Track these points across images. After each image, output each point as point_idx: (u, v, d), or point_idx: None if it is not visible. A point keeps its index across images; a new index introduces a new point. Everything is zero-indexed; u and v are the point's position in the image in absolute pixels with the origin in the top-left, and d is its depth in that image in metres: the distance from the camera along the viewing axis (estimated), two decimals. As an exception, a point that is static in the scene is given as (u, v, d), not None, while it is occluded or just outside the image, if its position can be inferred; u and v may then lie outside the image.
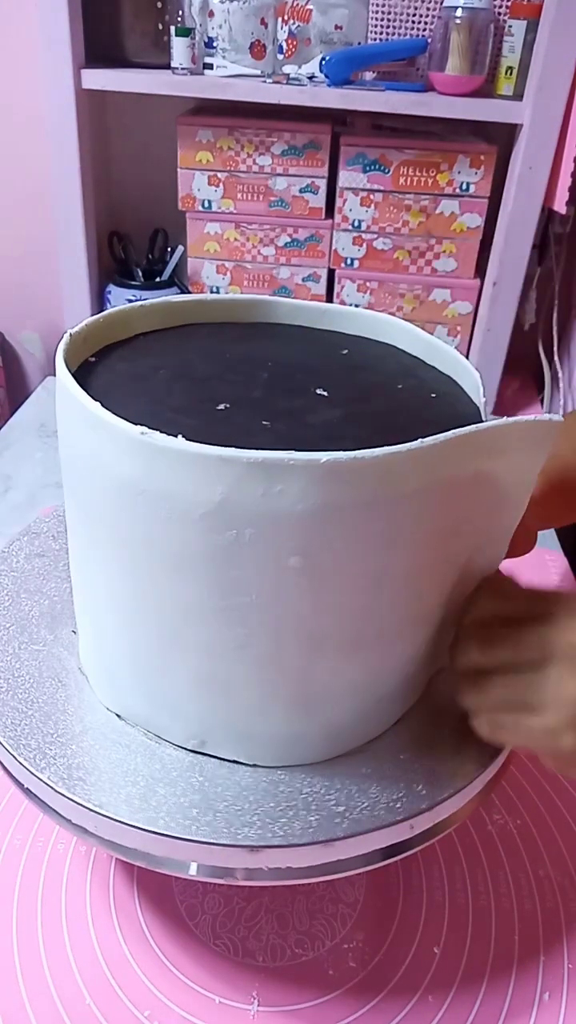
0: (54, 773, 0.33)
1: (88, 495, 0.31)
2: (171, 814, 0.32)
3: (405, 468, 0.27)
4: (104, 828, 0.32)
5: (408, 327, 0.40)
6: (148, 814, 0.31)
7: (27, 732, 0.34)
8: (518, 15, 0.89)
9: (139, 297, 1.05)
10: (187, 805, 0.32)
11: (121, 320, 0.38)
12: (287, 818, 0.32)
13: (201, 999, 0.39)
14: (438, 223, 0.98)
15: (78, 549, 0.35)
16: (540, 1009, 0.39)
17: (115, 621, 0.34)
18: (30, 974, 0.39)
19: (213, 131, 0.96)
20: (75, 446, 0.31)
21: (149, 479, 0.27)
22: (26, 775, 0.33)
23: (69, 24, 0.88)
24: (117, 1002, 0.38)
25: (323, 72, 0.91)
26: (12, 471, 0.85)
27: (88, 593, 0.36)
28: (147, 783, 0.33)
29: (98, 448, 0.29)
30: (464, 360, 0.37)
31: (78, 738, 0.35)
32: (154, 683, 0.34)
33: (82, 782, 0.32)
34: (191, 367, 0.36)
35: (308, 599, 0.29)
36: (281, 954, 0.41)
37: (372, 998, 0.40)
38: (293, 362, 0.38)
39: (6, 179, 1.13)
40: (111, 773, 0.33)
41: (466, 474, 0.29)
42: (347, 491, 0.27)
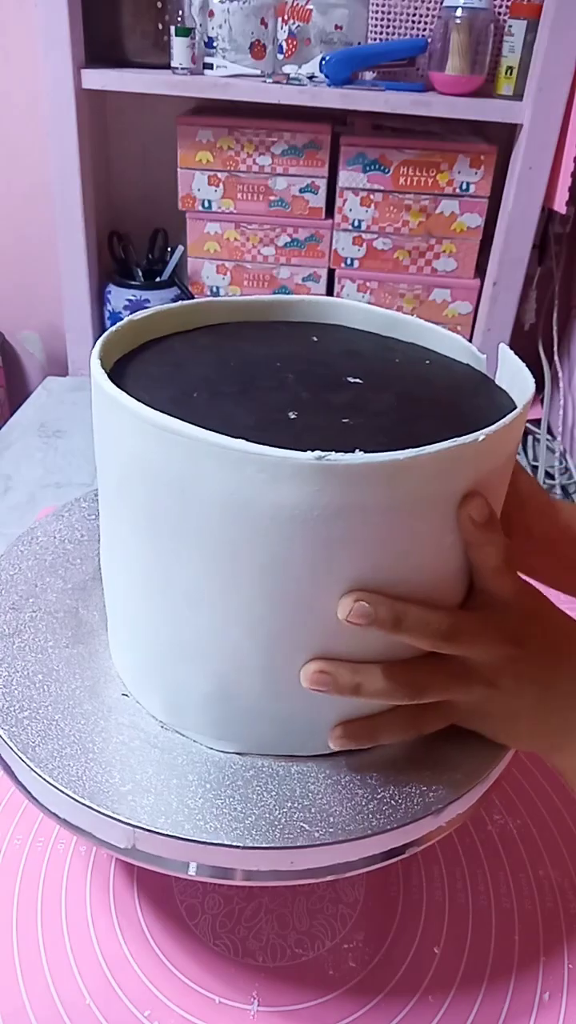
0: (64, 776, 0.33)
1: (128, 494, 0.31)
2: (170, 813, 0.32)
3: (456, 464, 0.28)
4: (103, 828, 0.32)
5: (458, 340, 0.40)
6: (147, 813, 0.31)
7: (27, 730, 0.35)
8: (518, 15, 0.89)
9: (139, 297, 1.06)
10: (186, 804, 0.32)
11: (158, 321, 0.39)
12: (287, 818, 0.32)
13: (201, 999, 0.39)
14: (438, 223, 0.98)
15: (114, 550, 0.35)
16: (540, 1009, 0.39)
17: (157, 624, 0.34)
18: (30, 974, 0.39)
19: (213, 131, 0.96)
20: (111, 442, 0.31)
21: (189, 474, 0.28)
22: (31, 777, 0.33)
23: (69, 24, 0.88)
24: (117, 1002, 0.38)
25: (323, 72, 0.91)
26: (12, 471, 0.85)
27: (118, 591, 0.36)
28: (146, 781, 0.33)
29: (170, 460, 0.28)
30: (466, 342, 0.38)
31: (77, 736, 0.35)
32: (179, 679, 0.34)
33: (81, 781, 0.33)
34: (237, 371, 0.36)
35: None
36: (281, 954, 0.41)
37: (372, 998, 0.39)
38: (342, 366, 0.38)
39: (6, 179, 1.13)
40: (149, 784, 0.33)
41: (498, 467, 0.31)
42: (381, 492, 0.27)
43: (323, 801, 0.33)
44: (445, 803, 0.34)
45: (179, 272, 1.07)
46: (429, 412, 0.34)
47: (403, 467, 0.27)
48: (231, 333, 0.40)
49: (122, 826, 0.31)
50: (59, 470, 0.86)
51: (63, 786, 0.32)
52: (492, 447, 0.29)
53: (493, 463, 0.30)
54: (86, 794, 0.32)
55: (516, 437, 0.32)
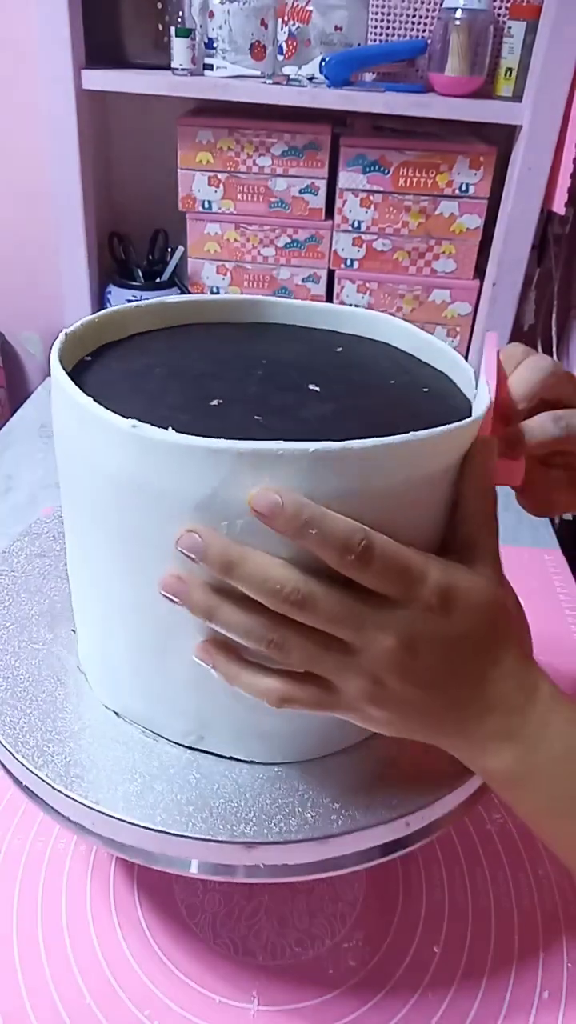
0: (52, 771, 0.33)
1: (83, 492, 0.32)
2: (168, 810, 0.32)
3: (393, 460, 0.27)
4: (101, 825, 0.32)
5: (402, 324, 0.41)
6: (145, 811, 0.31)
7: (26, 730, 0.35)
8: (517, 16, 0.89)
9: (139, 298, 1.05)
10: (183, 802, 0.32)
11: (117, 320, 0.39)
12: (283, 814, 0.32)
13: (201, 998, 0.39)
14: (438, 224, 0.99)
15: (75, 546, 0.35)
16: (539, 1007, 0.40)
17: (113, 617, 0.34)
18: (30, 973, 0.39)
19: (213, 132, 0.96)
20: (70, 443, 0.31)
21: (141, 473, 0.28)
22: (24, 772, 0.34)
23: (69, 25, 0.88)
24: (117, 1001, 0.38)
25: (323, 73, 0.92)
26: (13, 471, 0.85)
27: (85, 590, 0.36)
28: (144, 780, 0.33)
29: (91, 444, 0.29)
30: (457, 356, 0.37)
31: (76, 736, 0.35)
32: (151, 679, 0.34)
33: (79, 779, 0.33)
34: (186, 366, 0.36)
35: None
36: (281, 953, 0.41)
37: (372, 997, 0.40)
38: (288, 360, 0.38)
39: (6, 180, 1.13)
40: (109, 770, 0.33)
41: (452, 466, 0.30)
42: (336, 481, 0.27)
43: (319, 797, 0.33)
44: (441, 799, 0.34)
45: (179, 273, 1.07)
46: (386, 397, 0.34)
47: (357, 456, 0.27)
48: (189, 333, 0.41)
49: (121, 824, 0.31)
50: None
51: (64, 788, 0.32)
52: (438, 448, 0.29)
53: (434, 464, 0.30)
54: (87, 796, 0.32)
55: (466, 441, 0.31)
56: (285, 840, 0.31)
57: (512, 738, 0.30)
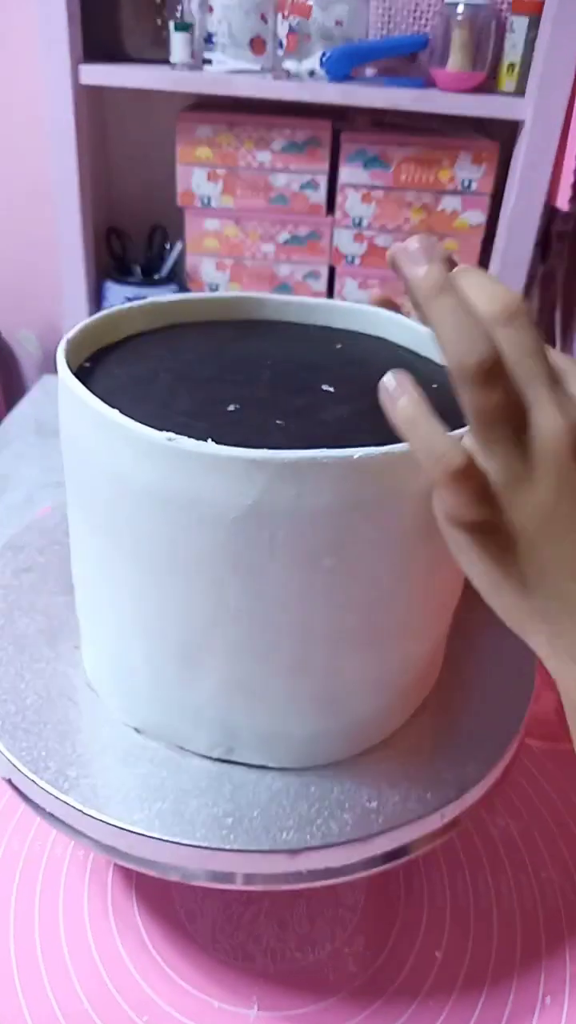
0: (79, 795, 0.32)
1: (101, 503, 0.30)
2: (207, 825, 0.31)
3: None
4: (138, 847, 0.31)
5: (397, 318, 0.40)
6: (183, 828, 0.31)
7: (44, 755, 0.33)
8: (520, 11, 0.88)
9: (137, 294, 1.05)
10: (220, 815, 0.32)
11: (110, 323, 0.38)
12: (323, 818, 0.32)
13: (200, 1004, 0.39)
14: (440, 220, 0.98)
15: (86, 559, 0.34)
16: (542, 1013, 0.39)
17: (132, 631, 0.33)
18: (27, 979, 0.39)
19: (212, 127, 0.95)
20: (87, 454, 0.30)
21: (176, 485, 0.27)
22: (48, 799, 0.32)
23: (68, 20, 0.87)
24: (115, 1007, 0.38)
25: (323, 68, 0.91)
26: (10, 471, 0.84)
27: (100, 605, 0.35)
28: (177, 796, 0.32)
29: (115, 456, 0.28)
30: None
31: (99, 756, 0.34)
32: (174, 692, 0.33)
33: (109, 800, 0.32)
34: (189, 368, 0.36)
35: (337, 597, 0.29)
36: (281, 958, 0.41)
37: (373, 1002, 0.39)
38: (290, 359, 0.37)
39: (4, 176, 1.12)
40: (139, 790, 0.32)
41: None
42: (377, 486, 0.27)
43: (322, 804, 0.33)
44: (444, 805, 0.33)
45: (178, 269, 1.07)
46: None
47: (359, 466, 0.26)
48: (185, 334, 0.40)
49: (159, 843, 0.31)
50: (57, 469, 0.85)
51: (96, 813, 0.32)
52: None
53: None
54: (121, 819, 0.31)
55: None
56: (327, 844, 0.31)
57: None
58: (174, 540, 0.28)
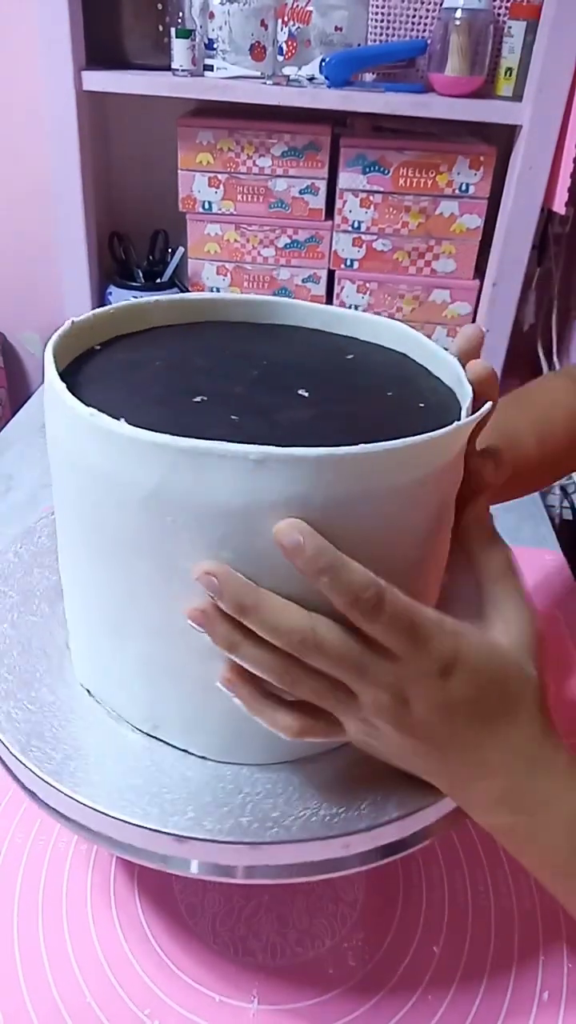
0: (12, 737, 0.34)
1: (58, 476, 0.33)
2: (109, 792, 0.32)
3: (340, 471, 0.27)
4: (45, 793, 0.33)
5: (415, 335, 0.40)
6: (88, 789, 0.32)
7: (2, 695, 0.36)
8: (517, 16, 0.89)
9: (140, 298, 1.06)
10: (125, 787, 0.33)
11: (137, 313, 0.40)
12: (224, 811, 0.32)
13: (201, 997, 0.39)
14: (438, 224, 0.99)
15: (58, 531, 0.37)
16: (539, 1008, 0.40)
17: (76, 599, 0.36)
18: (31, 972, 0.39)
19: (213, 132, 0.96)
20: (50, 428, 0.33)
21: (98, 460, 0.29)
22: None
23: (69, 26, 0.88)
24: (117, 1000, 0.38)
25: (323, 73, 0.92)
26: (14, 471, 0.85)
27: (63, 572, 0.38)
28: (96, 759, 0.34)
29: (62, 430, 0.31)
30: (461, 372, 0.35)
31: (46, 707, 0.36)
32: (108, 663, 0.35)
33: (36, 750, 0.34)
34: (186, 360, 0.37)
35: None
36: (281, 953, 0.41)
37: (372, 997, 0.40)
38: (289, 363, 0.38)
39: (6, 179, 1.13)
40: (67, 744, 0.34)
41: (426, 478, 0.30)
42: (276, 488, 0.27)
43: (320, 797, 0.33)
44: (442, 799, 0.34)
45: (179, 273, 1.07)
46: (377, 408, 0.34)
47: (355, 462, 0.27)
48: (205, 330, 0.41)
49: (61, 796, 0.32)
50: (60, 471, 0.86)
51: (20, 755, 0.33)
52: (442, 447, 0.30)
53: (443, 459, 0.30)
54: (40, 767, 0.33)
55: (463, 437, 0.32)
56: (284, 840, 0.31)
57: (507, 804, 0.31)
58: (99, 513, 0.31)
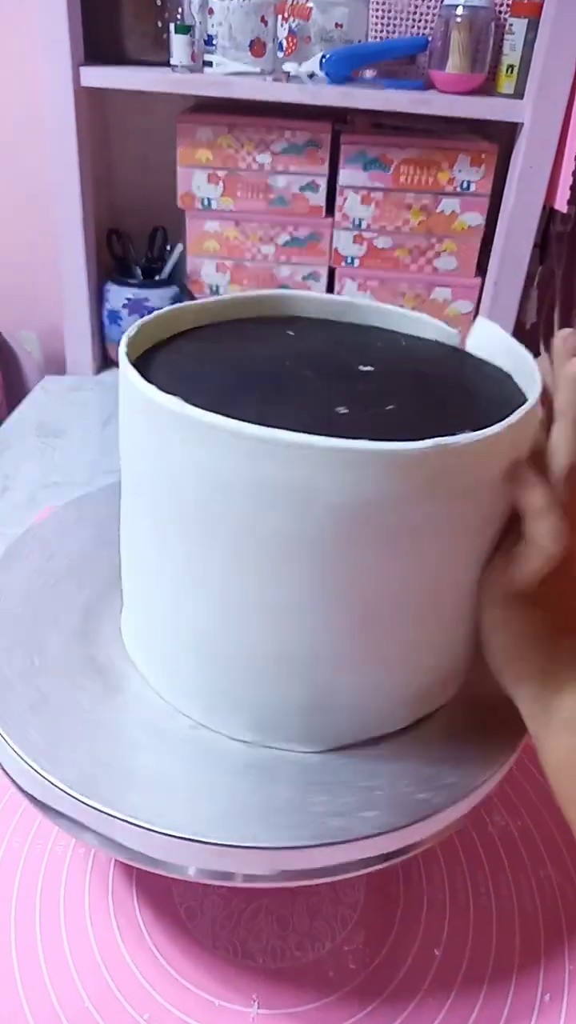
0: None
1: (136, 466, 0.33)
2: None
3: (433, 464, 0.29)
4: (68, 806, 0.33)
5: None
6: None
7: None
8: (519, 13, 0.89)
9: (138, 296, 1.05)
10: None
11: (181, 315, 0.40)
12: (287, 819, 0.32)
13: (201, 1001, 0.39)
14: (439, 221, 0.98)
15: (126, 513, 0.36)
16: (541, 1011, 0.39)
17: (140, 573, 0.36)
18: (28, 977, 0.39)
19: (213, 129, 0.96)
20: (129, 419, 0.33)
21: (198, 455, 0.29)
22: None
23: (68, 22, 0.87)
24: (116, 1005, 0.38)
25: (323, 70, 0.91)
26: (11, 471, 0.84)
27: (132, 553, 0.37)
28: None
29: (141, 420, 0.31)
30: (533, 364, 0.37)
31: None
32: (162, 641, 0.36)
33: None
34: (254, 361, 0.37)
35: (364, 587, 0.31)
36: (281, 956, 0.41)
37: (372, 1000, 0.39)
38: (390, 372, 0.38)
39: (5, 178, 1.12)
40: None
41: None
42: (456, 475, 0.29)
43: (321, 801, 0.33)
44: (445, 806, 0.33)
45: (179, 270, 1.07)
46: (444, 398, 0.36)
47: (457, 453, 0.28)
48: (247, 330, 0.41)
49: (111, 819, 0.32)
50: (58, 470, 0.85)
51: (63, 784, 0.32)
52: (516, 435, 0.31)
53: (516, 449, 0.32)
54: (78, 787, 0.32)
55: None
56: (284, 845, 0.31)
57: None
58: (178, 498, 0.31)
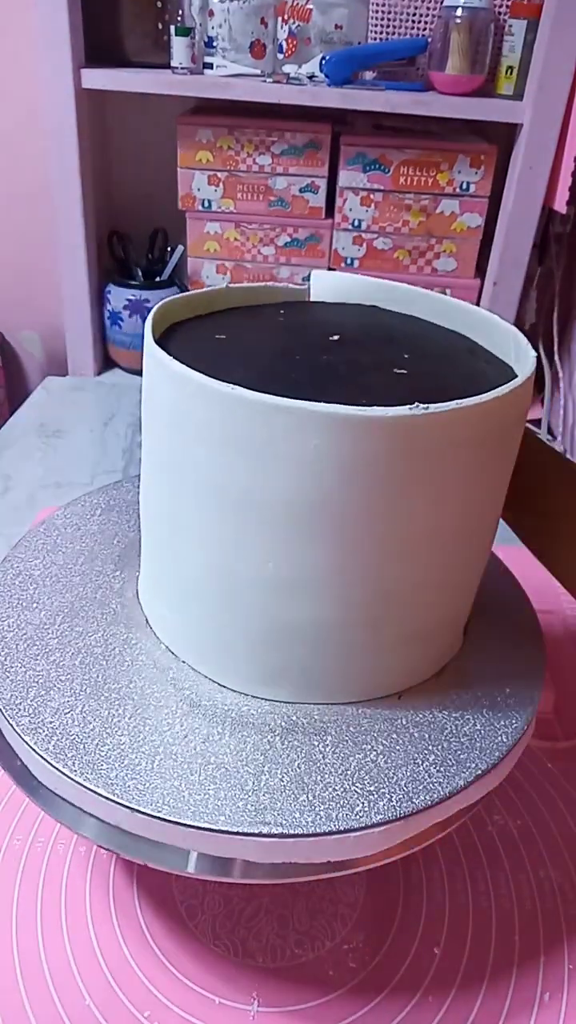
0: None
1: (179, 452, 0.33)
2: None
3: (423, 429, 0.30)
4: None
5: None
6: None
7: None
8: (518, 14, 0.89)
9: (139, 297, 1.05)
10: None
11: (206, 300, 0.41)
12: (281, 808, 0.32)
13: (201, 999, 0.39)
14: (438, 223, 0.98)
15: (148, 483, 0.37)
16: (540, 1010, 0.39)
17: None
18: (30, 975, 0.39)
19: (213, 130, 0.96)
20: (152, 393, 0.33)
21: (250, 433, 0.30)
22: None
23: (69, 24, 0.88)
24: (117, 1002, 0.38)
25: (323, 71, 0.91)
26: (12, 471, 0.85)
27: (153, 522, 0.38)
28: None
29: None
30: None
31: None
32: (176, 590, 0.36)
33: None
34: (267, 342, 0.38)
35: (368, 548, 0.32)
36: (281, 954, 0.41)
37: (372, 998, 0.39)
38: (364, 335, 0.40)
39: (6, 179, 1.12)
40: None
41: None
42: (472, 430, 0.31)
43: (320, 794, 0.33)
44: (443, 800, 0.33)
45: (179, 272, 1.07)
46: (446, 372, 0.37)
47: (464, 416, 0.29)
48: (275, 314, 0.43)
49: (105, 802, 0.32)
50: (59, 470, 0.86)
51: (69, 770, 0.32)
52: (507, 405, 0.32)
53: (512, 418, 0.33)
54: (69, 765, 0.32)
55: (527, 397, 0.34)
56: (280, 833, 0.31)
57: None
58: (192, 461, 0.31)
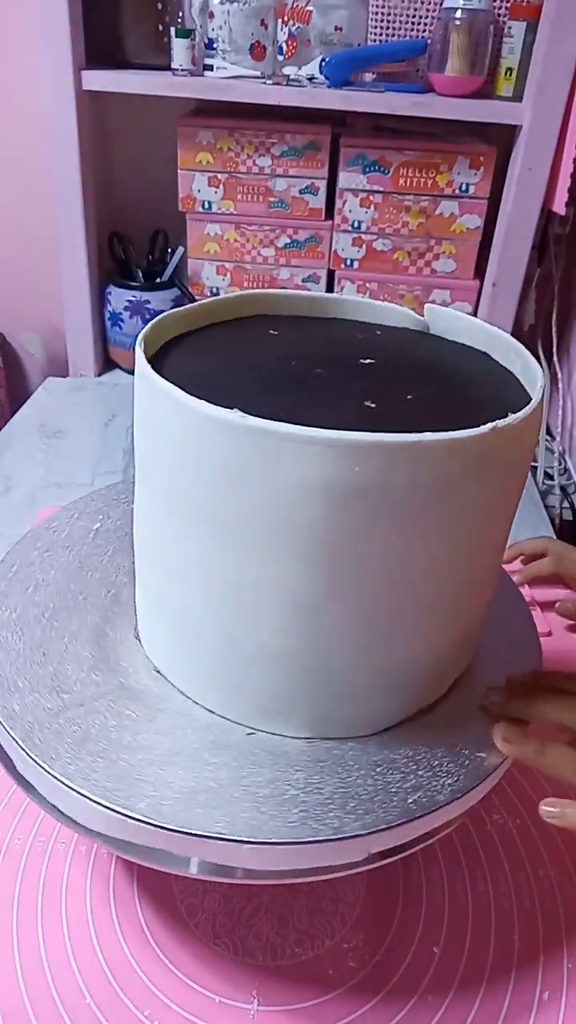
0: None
1: (181, 480, 0.32)
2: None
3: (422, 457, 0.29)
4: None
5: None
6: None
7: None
8: (517, 16, 0.89)
9: (139, 298, 1.06)
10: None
11: (199, 313, 0.40)
12: (282, 816, 0.32)
13: (201, 998, 0.39)
14: (438, 224, 0.99)
15: (141, 510, 0.37)
16: (539, 1009, 0.40)
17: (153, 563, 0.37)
18: (30, 973, 0.39)
19: (213, 132, 0.96)
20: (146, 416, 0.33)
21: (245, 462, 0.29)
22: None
23: (69, 25, 0.88)
24: (117, 1001, 0.38)
25: (323, 73, 0.92)
26: (13, 471, 0.85)
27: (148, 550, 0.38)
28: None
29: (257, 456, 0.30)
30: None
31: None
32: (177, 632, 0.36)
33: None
34: (266, 359, 0.38)
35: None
36: (281, 953, 0.41)
37: (372, 997, 0.40)
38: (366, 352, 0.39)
39: (6, 179, 1.13)
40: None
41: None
42: (502, 453, 0.31)
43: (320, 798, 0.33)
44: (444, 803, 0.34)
45: (179, 273, 1.07)
46: (447, 380, 0.37)
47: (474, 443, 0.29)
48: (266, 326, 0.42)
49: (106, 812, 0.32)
50: (59, 470, 0.86)
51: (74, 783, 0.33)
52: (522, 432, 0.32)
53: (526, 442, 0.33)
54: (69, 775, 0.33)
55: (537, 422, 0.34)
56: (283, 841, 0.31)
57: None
58: (181, 486, 0.31)
